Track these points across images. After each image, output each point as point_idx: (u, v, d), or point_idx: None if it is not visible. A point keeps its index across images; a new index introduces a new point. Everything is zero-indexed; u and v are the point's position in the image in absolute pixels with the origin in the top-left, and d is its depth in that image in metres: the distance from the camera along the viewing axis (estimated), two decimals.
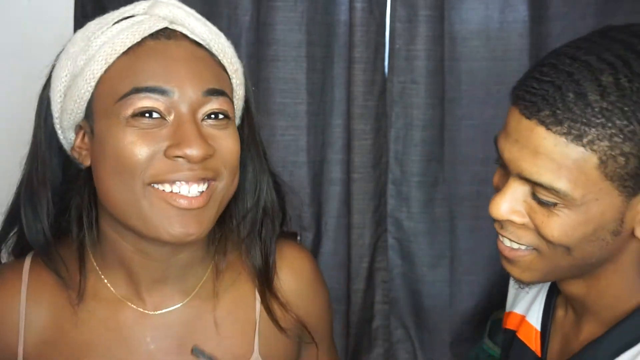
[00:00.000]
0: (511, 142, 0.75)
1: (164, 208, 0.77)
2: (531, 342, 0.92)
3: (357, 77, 1.46)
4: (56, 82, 0.82)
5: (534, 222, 0.76)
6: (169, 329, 0.87)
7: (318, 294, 0.98)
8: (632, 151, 0.69)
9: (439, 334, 1.57)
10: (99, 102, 0.79)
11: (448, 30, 1.47)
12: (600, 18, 1.46)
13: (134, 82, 0.76)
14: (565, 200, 0.72)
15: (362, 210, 1.52)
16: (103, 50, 0.78)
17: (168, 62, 0.78)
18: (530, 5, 1.46)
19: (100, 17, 0.83)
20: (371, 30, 1.46)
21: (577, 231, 0.74)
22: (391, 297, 1.57)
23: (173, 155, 0.76)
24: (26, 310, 0.86)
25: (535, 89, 0.73)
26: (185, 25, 0.81)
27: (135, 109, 0.76)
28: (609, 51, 0.71)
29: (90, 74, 0.78)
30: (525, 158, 0.73)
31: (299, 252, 0.97)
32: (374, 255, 1.55)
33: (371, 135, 1.49)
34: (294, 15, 1.47)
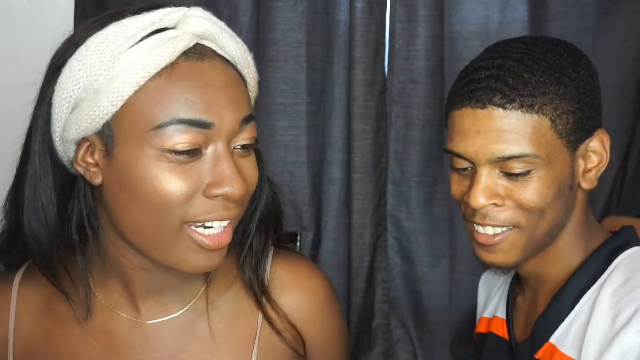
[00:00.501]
0: (471, 136, 0.85)
1: (194, 248, 0.75)
2: (499, 331, 1.00)
3: (358, 77, 1.46)
4: (64, 91, 0.75)
5: (513, 198, 0.85)
6: (161, 339, 0.84)
7: (330, 317, 0.94)
8: (569, 108, 0.84)
9: (439, 333, 1.57)
10: (124, 124, 0.73)
11: (448, 30, 1.48)
12: (599, 18, 1.46)
13: (173, 111, 0.71)
14: (536, 162, 0.83)
15: (363, 210, 1.52)
16: (134, 70, 0.71)
17: (207, 90, 0.73)
18: (530, 5, 1.46)
19: (121, 22, 0.75)
20: (371, 30, 1.46)
21: (550, 190, 0.84)
22: (391, 296, 1.58)
23: (214, 195, 0.73)
24: (15, 322, 0.84)
25: (477, 86, 0.84)
26: (216, 41, 0.76)
27: (177, 143, 0.71)
28: (515, 48, 0.86)
29: (118, 94, 0.72)
30: (493, 141, 0.83)
31: (313, 271, 0.94)
32: (374, 254, 1.55)
33: (371, 135, 1.49)
34: (294, 15, 1.47)
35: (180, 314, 0.85)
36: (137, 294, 0.84)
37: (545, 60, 0.85)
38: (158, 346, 0.84)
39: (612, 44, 1.46)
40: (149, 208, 0.73)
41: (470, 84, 0.86)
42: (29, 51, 1.46)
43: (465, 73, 0.89)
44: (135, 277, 0.82)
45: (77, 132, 0.75)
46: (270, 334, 0.87)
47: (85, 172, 0.77)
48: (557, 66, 0.85)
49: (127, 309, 0.84)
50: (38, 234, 0.79)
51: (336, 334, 0.96)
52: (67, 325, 0.84)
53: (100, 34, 0.74)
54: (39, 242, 0.79)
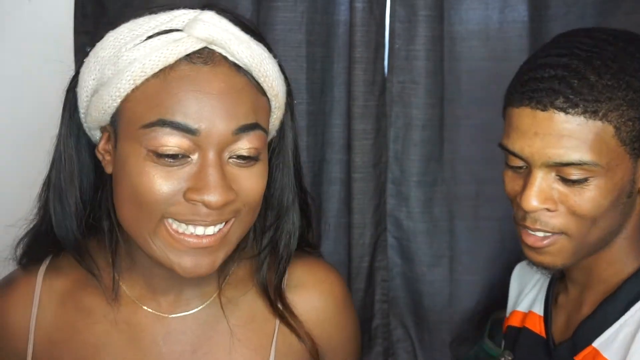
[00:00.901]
0: (529, 137, 0.82)
1: (175, 246, 0.75)
2: (536, 328, 0.98)
3: (358, 77, 1.46)
4: (83, 82, 0.78)
5: (567, 204, 0.82)
6: (183, 333, 0.85)
7: (345, 319, 0.95)
8: (636, 115, 0.80)
9: (439, 333, 1.57)
10: (123, 120, 0.75)
11: (447, 30, 1.47)
12: (599, 18, 1.46)
13: (161, 112, 0.72)
14: (595, 171, 0.80)
15: (363, 209, 1.52)
16: (132, 69, 0.72)
17: (200, 96, 0.72)
18: (530, 5, 1.46)
19: (136, 20, 0.76)
20: (371, 30, 1.46)
21: (606, 199, 0.81)
22: (391, 296, 1.58)
23: (192, 199, 0.73)
24: (39, 312, 0.86)
25: (540, 86, 0.81)
26: (225, 48, 0.75)
27: (158, 145, 0.71)
28: (584, 44, 0.82)
29: (116, 91, 0.74)
30: (551, 145, 0.80)
31: (330, 274, 0.94)
32: (374, 254, 1.56)
33: (372, 135, 1.49)
34: (294, 15, 1.47)
35: (201, 309, 0.87)
36: (158, 288, 0.85)
37: (616, 61, 0.80)
38: (179, 340, 0.85)
39: None
40: (133, 202, 0.74)
41: (532, 82, 0.82)
42: (29, 51, 1.46)
43: (528, 68, 0.85)
44: (155, 271, 0.84)
45: (93, 121, 0.79)
46: (289, 335, 0.89)
47: (103, 160, 0.80)
48: (627, 69, 0.80)
49: (149, 302, 0.86)
50: (61, 218, 0.82)
51: (351, 336, 0.97)
52: (91, 316, 0.86)
53: (117, 30, 0.77)
54: (61, 226, 0.83)
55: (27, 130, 1.45)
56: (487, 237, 1.54)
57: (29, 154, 1.44)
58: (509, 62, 1.48)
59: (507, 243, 1.54)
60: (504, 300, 1.60)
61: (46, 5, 1.47)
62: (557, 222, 0.83)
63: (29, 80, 1.47)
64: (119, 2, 1.43)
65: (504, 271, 1.57)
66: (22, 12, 1.46)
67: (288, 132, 0.88)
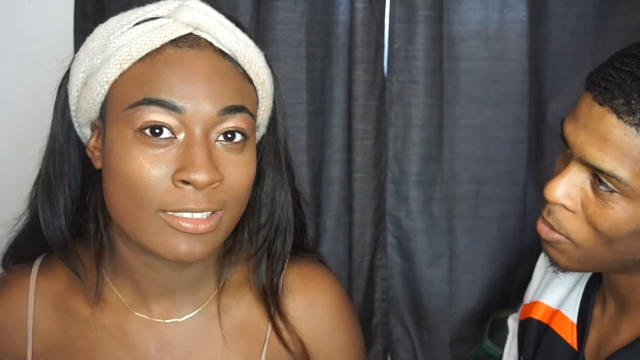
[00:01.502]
0: (579, 126, 0.76)
1: (172, 232, 0.74)
2: (566, 334, 0.92)
3: (359, 78, 1.47)
4: (73, 76, 0.78)
5: (586, 212, 0.77)
6: (175, 340, 0.85)
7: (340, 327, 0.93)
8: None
9: (438, 333, 1.57)
10: (111, 106, 0.75)
11: (447, 30, 1.47)
12: (599, 18, 1.46)
13: (145, 91, 0.72)
14: (625, 190, 0.74)
15: (364, 209, 1.52)
16: (119, 54, 0.73)
17: (185, 75, 0.73)
18: (529, 5, 1.46)
19: (124, 13, 0.78)
20: (372, 30, 1.46)
21: (628, 225, 0.75)
22: (390, 295, 1.58)
23: (179, 179, 0.72)
24: (34, 315, 0.85)
25: (612, 77, 0.75)
26: (210, 33, 0.76)
27: (145, 122, 0.72)
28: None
29: (104, 77, 0.74)
30: (592, 143, 0.75)
31: (325, 280, 0.93)
32: (374, 253, 1.56)
33: (372, 135, 1.50)
34: (294, 15, 1.47)
35: (193, 315, 0.86)
36: (148, 293, 0.84)
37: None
38: (171, 347, 0.85)
39: (612, 44, 1.46)
40: (124, 190, 0.74)
41: (609, 69, 0.76)
42: (29, 51, 1.47)
43: (615, 56, 0.79)
44: (143, 275, 0.82)
45: (83, 115, 0.78)
46: (279, 344, 0.88)
47: (92, 157, 0.80)
48: None
49: (141, 309, 0.85)
50: (49, 215, 0.81)
51: (347, 344, 0.94)
52: (84, 322, 0.85)
53: (106, 22, 0.79)
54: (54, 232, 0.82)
55: (26, 130, 1.45)
56: (487, 236, 1.54)
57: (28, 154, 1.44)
58: (508, 62, 1.48)
59: (507, 242, 1.54)
60: (504, 299, 1.60)
61: (46, 5, 1.47)
62: (569, 226, 0.79)
63: (29, 80, 1.47)
64: (119, 2, 1.43)
65: (504, 271, 1.57)
66: (22, 12, 1.46)
67: (278, 127, 0.87)
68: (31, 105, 1.45)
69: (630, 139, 0.73)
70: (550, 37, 1.48)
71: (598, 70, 0.78)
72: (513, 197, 1.53)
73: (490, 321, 1.51)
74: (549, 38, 1.48)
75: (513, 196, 1.53)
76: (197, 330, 0.86)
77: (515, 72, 1.48)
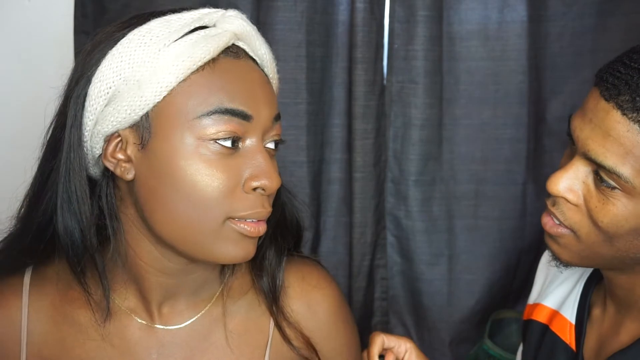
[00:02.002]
0: (585, 121, 0.77)
1: (238, 237, 0.76)
2: (565, 335, 0.92)
3: (359, 77, 1.47)
4: (102, 83, 0.75)
5: (588, 206, 0.78)
6: (177, 345, 0.84)
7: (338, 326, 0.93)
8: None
9: (438, 332, 1.58)
10: (165, 115, 0.74)
11: (446, 31, 1.48)
12: (599, 18, 1.46)
13: (217, 101, 0.73)
14: (626, 187, 0.74)
15: (364, 209, 1.53)
16: (179, 62, 0.72)
17: (246, 84, 0.75)
18: (528, 5, 1.47)
19: (161, 17, 0.77)
20: (372, 30, 1.46)
21: (628, 223, 0.75)
22: (390, 294, 1.58)
23: (252, 187, 0.74)
24: (28, 326, 0.83)
25: (620, 72, 0.75)
26: (249, 43, 0.78)
27: (219, 131, 0.72)
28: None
29: (162, 85, 0.73)
30: (595, 138, 0.75)
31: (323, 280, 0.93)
32: (374, 253, 1.56)
33: (372, 135, 1.50)
34: (294, 15, 1.47)
35: (195, 320, 0.85)
36: (152, 300, 0.83)
37: None
38: (173, 353, 0.84)
39: (612, 44, 1.46)
40: (191, 201, 0.74)
41: (618, 65, 0.76)
42: (29, 51, 1.47)
43: (630, 50, 0.79)
44: (151, 282, 0.82)
45: (112, 125, 0.75)
46: (281, 343, 0.88)
47: (115, 168, 0.77)
48: None
49: (143, 315, 0.84)
50: (72, 230, 0.78)
51: (345, 343, 0.94)
52: (82, 331, 0.83)
53: (143, 28, 0.75)
54: (73, 239, 0.78)
55: (26, 130, 1.45)
56: (486, 236, 1.54)
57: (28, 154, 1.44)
58: (507, 62, 1.49)
59: (506, 242, 1.55)
60: (503, 299, 1.60)
61: (46, 5, 1.47)
62: (573, 217, 0.79)
63: (29, 80, 1.47)
64: (119, 2, 1.44)
65: (503, 270, 1.57)
66: (22, 12, 1.46)
67: None
68: (31, 105, 1.45)
69: (634, 135, 0.73)
70: (549, 37, 1.48)
71: (607, 65, 0.78)
72: (512, 197, 1.54)
73: (490, 321, 1.51)
74: (548, 38, 1.48)
75: (512, 196, 1.54)
76: (199, 335, 0.85)
77: (514, 72, 1.48)
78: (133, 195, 0.77)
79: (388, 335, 0.93)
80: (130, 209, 0.79)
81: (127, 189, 0.78)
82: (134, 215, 0.79)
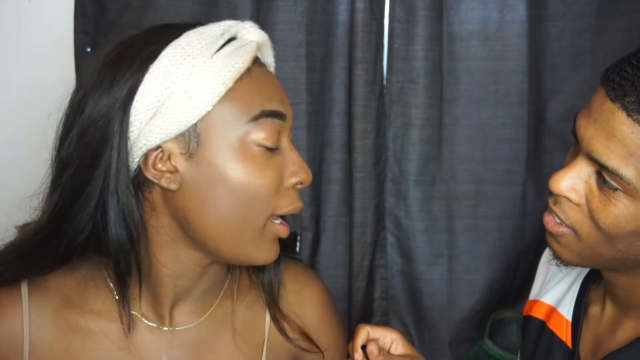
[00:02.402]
0: (590, 120, 0.76)
1: (274, 238, 0.81)
2: (562, 333, 0.92)
3: (359, 77, 1.47)
4: (149, 98, 0.75)
5: (589, 206, 0.77)
6: (185, 347, 0.85)
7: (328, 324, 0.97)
8: None
9: (438, 332, 1.58)
10: (214, 124, 0.76)
11: (446, 31, 1.48)
12: (599, 18, 1.46)
13: (259, 105, 0.77)
14: (628, 189, 0.73)
15: (364, 209, 1.53)
16: (225, 72, 0.76)
17: (276, 87, 0.81)
18: (528, 5, 1.47)
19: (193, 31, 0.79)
20: (372, 30, 1.46)
21: (629, 224, 0.75)
22: (390, 294, 1.58)
23: (294, 184, 0.80)
24: (30, 334, 0.82)
25: (627, 73, 0.74)
26: (263, 52, 0.83)
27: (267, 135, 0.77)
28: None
29: (212, 94, 0.75)
30: (599, 139, 0.74)
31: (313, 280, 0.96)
32: (374, 252, 1.56)
33: (372, 135, 1.50)
34: (294, 15, 1.47)
35: (202, 321, 0.87)
36: (164, 303, 0.84)
37: None
38: (182, 354, 0.85)
39: (612, 44, 1.46)
40: (243, 202, 0.77)
41: (625, 65, 0.75)
42: (29, 51, 1.47)
43: (634, 51, 0.77)
44: (168, 286, 0.83)
45: (158, 137, 0.76)
46: (278, 337, 0.90)
47: (160, 179, 0.77)
48: None
49: (152, 317, 0.85)
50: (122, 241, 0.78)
51: (333, 339, 0.97)
52: (87, 335, 0.83)
53: (181, 41, 0.77)
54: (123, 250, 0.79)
55: (26, 130, 1.45)
56: (486, 236, 1.55)
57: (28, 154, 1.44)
58: (507, 62, 1.49)
59: (506, 242, 1.55)
60: (503, 299, 1.60)
61: (46, 5, 1.47)
62: (574, 217, 0.79)
63: (29, 80, 1.47)
64: (119, 2, 1.44)
65: (503, 270, 1.57)
66: (22, 12, 1.46)
67: None
68: (31, 105, 1.45)
69: (638, 137, 0.72)
70: (549, 37, 1.48)
71: (615, 65, 0.77)
72: (512, 197, 1.54)
73: (490, 321, 1.51)
74: (548, 38, 1.48)
75: (512, 196, 1.54)
76: (206, 335, 0.86)
77: (514, 72, 1.48)
78: (171, 204, 0.78)
79: (373, 326, 0.94)
80: (164, 217, 0.79)
81: (163, 199, 0.79)
82: (166, 222, 0.79)
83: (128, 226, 0.78)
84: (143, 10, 1.43)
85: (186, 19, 1.42)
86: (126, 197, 0.77)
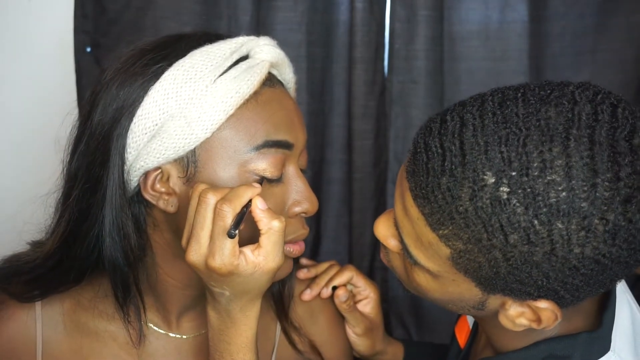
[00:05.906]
0: (399, 180, 0.69)
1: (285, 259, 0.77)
2: (461, 336, 0.92)
3: (359, 78, 1.47)
4: (147, 120, 0.74)
5: (404, 261, 0.72)
6: (193, 353, 0.86)
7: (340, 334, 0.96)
8: (484, 261, 0.61)
9: (439, 334, 1.57)
10: (213, 150, 0.74)
11: (447, 30, 1.47)
12: (599, 18, 1.46)
13: (264, 134, 0.74)
14: (424, 268, 0.68)
15: (364, 209, 1.52)
16: (227, 99, 0.73)
17: (286, 113, 0.77)
18: (529, 5, 1.46)
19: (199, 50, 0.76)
20: (372, 30, 1.46)
21: (437, 293, 0.70)
22: (390, 295, 1.58)
23: (295, 213, 0.77)
24: (43, 337, 0.83)
25: (419, 151, 0.64)
26: (280, 69, 0.79)
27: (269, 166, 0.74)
28: (491, 162, 0.59)
29: (211, 122, 0.73)
30: (398, 209, 0.68)
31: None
32: (373, 254, 1.56)
33: (372, 135, 1.50)
34: (294, 15, 1.47)
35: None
36: (172, 311, 0.85)
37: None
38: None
39: (612, 44, 1.46)
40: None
41: (426, 135, 0.65)
42: (29, 51, 1.47)
43: (444, 111, 0.66)
44: (176, 295, 0.83)
45: (155, 160, 0.75)
46: (286, 348, 0.90)
47: (158, 201, 0.77)
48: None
49: (161, 324, 0.85)
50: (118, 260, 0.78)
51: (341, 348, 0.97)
52: (97, 339, 0.84)
53: (185, 63, 0.74)
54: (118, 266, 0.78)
55: (26, 130, 1.45)
56: None
57: (28, 154, 1.44)
58: (508, 62, 1.48)
59: None
60: None
61: (46, 5, 1.47)
62: (394, 261, 0.76)
63: (29, 80, 1.47)
64: (119, 2, 1.43)
65: None
66: (22, 12, 1.46)
67: None
68: (31, 105, 1.45)
69: (421, 225, 0.64)
70: (550, 37, 1.48)
71: (422, 129, 0.67)
72: None
73: None
74: (549, 38, 1.48)
75: None
76: None
77: (515, 72, 1.48)
78: (173, 223, 0.78)
79: (360, 274, 0.93)
80: (167, 234, 0.79)
81: (165, 218, 0.78)
82: (169, 239, 0.79)
83: (124, 248, 0.77)
84: (143, 10, 1.43)
85: (186, 19, 1.43)
86: (122, 220, 0.76)
